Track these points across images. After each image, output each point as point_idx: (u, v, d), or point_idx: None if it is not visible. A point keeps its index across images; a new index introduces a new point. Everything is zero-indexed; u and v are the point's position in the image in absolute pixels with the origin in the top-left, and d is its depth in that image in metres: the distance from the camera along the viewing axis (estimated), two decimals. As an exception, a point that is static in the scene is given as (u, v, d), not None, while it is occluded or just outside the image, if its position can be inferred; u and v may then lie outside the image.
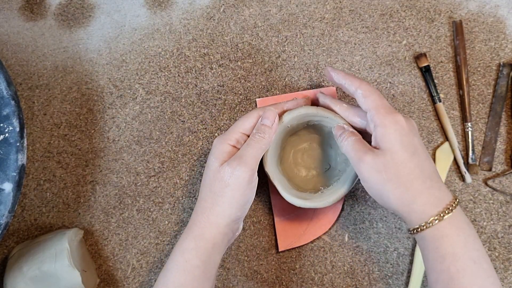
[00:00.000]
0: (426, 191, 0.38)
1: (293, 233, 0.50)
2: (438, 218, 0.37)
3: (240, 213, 0.42)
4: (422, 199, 0.38)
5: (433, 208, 0.38)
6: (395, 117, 0.40)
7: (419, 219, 0.38)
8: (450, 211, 0.37)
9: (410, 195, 0.38)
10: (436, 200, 0.38)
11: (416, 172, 0.38)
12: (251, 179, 0.42)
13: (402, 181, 0.38)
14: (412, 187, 0.38)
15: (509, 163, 0.51)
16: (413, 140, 0.40)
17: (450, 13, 0.56)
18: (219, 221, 0.42)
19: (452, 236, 0.37)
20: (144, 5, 0.58)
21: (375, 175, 0.39)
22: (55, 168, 0.53)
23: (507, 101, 0.53)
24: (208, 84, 0.55)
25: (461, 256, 0.36)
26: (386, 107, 0.41)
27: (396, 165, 0.38)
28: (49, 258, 0.45)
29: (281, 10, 0.57)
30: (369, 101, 0.41)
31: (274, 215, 0.50)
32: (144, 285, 0.50)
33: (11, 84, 0.43)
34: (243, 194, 0.41)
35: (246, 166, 0.41)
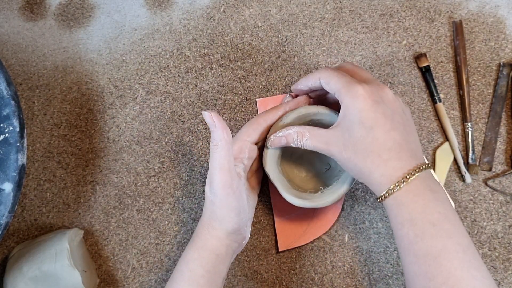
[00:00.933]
0: (383, 163, 0.39)
1: (293, 233, 0.50)
2: (393, 188, 0.38)
3: (236, 224, 0.42)
4: (378, 171, 0.39)
5: (388, 179, 0.38)
6: (354, 92, 0.40)
7: (378, 190, 0.39)
8: (406, 179, 0.38)
9: (367, 169, 0.39)
10: (392, 171, 0.38)
11: (372, 146, 0.39)
12: (226, 187, 0.40)
13: (360, 156, 0.39)
14: (368, 161, 0.39)
15: (509, 163, 0.51)
16: (375, 111, 0.39)
17: (450, 13, 0.56)
18: (218, 234, 0.42)
19: (409, 203, 0.37)
20: (144, 5, 0.58)
21: (339, 154, 0.41)
22: (55, 168, 0.53)
23: (507, 101, 0.53)
24: (208, 84, 0.55)
25: (418, 221, 0.37)
26: (345, 85, 0.41)
27: (354, 142, 0.40)
28: (49, 258, 0.45)
29: (281, 10, 0.57)
30: (331, 86, 0.42)
31: (274, 215, 0.50)
32: (144, 285, 0.50)
33: (11, 84, 0.43)
34: (228, 206, 0.41)
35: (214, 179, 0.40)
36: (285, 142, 0.44)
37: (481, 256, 0.49)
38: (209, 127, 0.40)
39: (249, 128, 0.45)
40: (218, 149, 0.39)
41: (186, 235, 0.51)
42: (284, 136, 0.44)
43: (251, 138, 0.45)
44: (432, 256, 0.36)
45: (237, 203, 0.41)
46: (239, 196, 0.41)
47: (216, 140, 0.39)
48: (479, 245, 0.50)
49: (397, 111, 0.41)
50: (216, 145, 0.39)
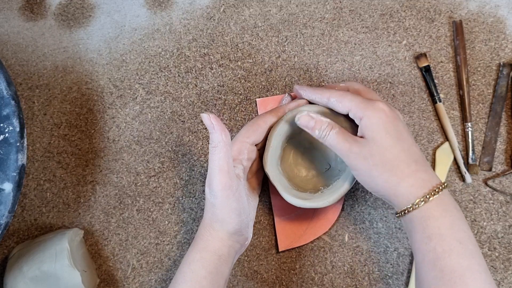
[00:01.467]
0: (412, 174, 0.39)
1: (293, 233, 0.50)
2: (424, 199, 0.38)
3: (237, 225, 0.41)
4: (408, 182, 0.39)
5: (419, 190, 0.38)
6: (376, 106, 0.40)
7: (405, 201, 0.39)
8: (436, 192, 0.38)
9: (396, 178, 0.39)
10: (422, 182, 0.39)
11: (401, 157, 0.39)
12: (226, 188, 0.40)
13: (388, 165, 0.39)
14: (398, 171, 0.39)
15: (509, 163, 0.51)
16: (397, 126, 0.40)
17: (450, 13, 0.56)
18: (220, 235, 0.42)
19: (439, 217, 0.37)
20: (144, 5, 0.58)
21: (362, 162, 0.40)
22: (55, 168, 0.53)
23: (507, 101, 0.53)
24: (208, 84, 0.55)
25: (447, 237, 0.37)
26: (363, 101, 0.41)
27: (381, 151, 0.39)
28: (49, 258, 0.45)
29: (281, 10, 0.57)
30: (345, 103, 0.42)
31: (274, 215, 0.50)
32: (144, 285, 0.50)
33: (11, 84, 0.43)
34: (228, 207, 0.41)
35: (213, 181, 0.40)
36: (312, 126, 0.42)
37: (481, 256, 0.49)
38: (208, 129, 0.40)
39: (249, 130, 0.45)
40: (217, 151, 0.40)
41: (186, 235, 0.51)
42: (314, 119, 0.43)
43: (251, 139, 0.45)
44: (459, 274, 0.36)
45: (237, 204, 0.41)
46: (239, 197, 0.41)
47: (214, 142, 0.40)
48: (479, 245, 0.50)
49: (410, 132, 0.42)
50: (215, 147, 0.40)
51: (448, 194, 0.39)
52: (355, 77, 0.54)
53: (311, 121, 0.43)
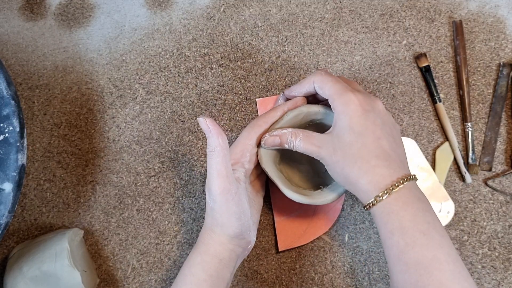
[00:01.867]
0: (371, 170, 0.39)
1: (293, 233, 0.50)
2: (381, 195, 0.38)
3: (238, 229, 0.41)
4: (366, 178, 0.39)
5: (376, 186, 0.38)
6: (347, 97, 0.40)
7: (366, 197, 0.39)
8: (396, 187, 0.38)
9: (355, 175, 0.39)
10: (380, 178, 0.38)
11: (361, 152, 0.39)
12: (225, 193, 0.40)
13: (348, 161, 0.39)
14: (356, 167, 0.39)
15: (509, 163, 0.51)
16: (365, 119, 0.40)
17: (450, 13, 0.56)
18: (220, 239, 0.41)
19: (399, 211, 0.37)
20: (144, 5, 0.58)
21: (329, 158, 0.41)
22: (55, 168, 0.53)
23: (507, 101, 0.53)
24: (208, 84, 0.55)
25: (409, 230, 0.37)
26: (338, 90, 0.41)
27: (343, 146, 0.40)
28: (49, 258, 0.45)
29: (281, 10, 0.57)
30: (325, 91, 0.43)
31: (274, 215, 0.50)
32: (144, 285, 0.50)
33: (11, 84, 0.43)
34: (228, 211, 0.40)
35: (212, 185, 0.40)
36: (278, 142, 0.44)
37: (481, 256, 0.49)
38: (205, 133, 0.40)
39: (250, 131, 0.45)
40: (214, 155, 0.40)
41: (186, 235, 0.51)
42: (278, 136, 0.44)
43: (253, 141, 0.45)
44: (423, 266, 0.35)
45: (237, 208, 0.41)
46: (238, 201, 0.41)
47: (211, 146, 0.39)
48: (479, 245, 0.50)
49: (387, 122, 0.41)
50: (212, 151, 0.40)
51: (412, 187, 0.39)
52: (355, 77, 0.54)
53: (276, 139, 0.44)
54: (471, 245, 0.50)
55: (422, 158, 0.51)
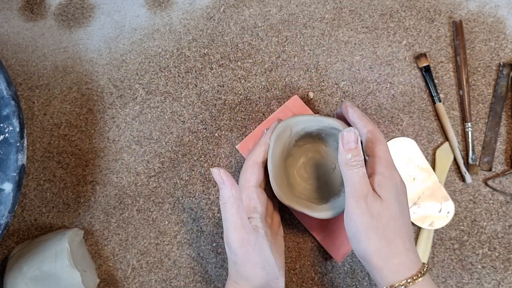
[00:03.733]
0: (405, 252, 0.38)
1: (340, 242, 0.48)
2: (411, 280, 0.37)
3: (263, 279, 0.40)
4: (399, 259, 0.37)
5: (407, 270, 0.37)
6: (394, 173, 0.40)
7: (392, 278, 0.37)
8: (422, 275, 0.37)
9: (389, 251, 0.37)
10: (411, 263, 0.38)
11: (401, 231, 0.38)
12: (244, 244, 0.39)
13: (388, 234, 0.38)
14: (394, 244, 0.38)
15: (509, 163, 0.51)
16: (404, 199, 0.40)
17: (450, 13, 0.56)
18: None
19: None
20: (144, 5, 0.58)
21: (366, 217, 0.38)
22: (55, 168, 0.53)
23: (507, 101, 0.53)
24: (208, 84, 0.55)
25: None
26: (389, 161, 0.40)
27: (388, 216, 0.38)
28: (49, 258, 0.45)
29: (281, 10, 0.57)
30: (375, 149, 0.41)
31: (314, 235, 0.49)
32: (144, 285, 0.50)
33: (11, 84, 0.43)
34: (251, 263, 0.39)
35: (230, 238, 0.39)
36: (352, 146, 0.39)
37: (481, 256, 0.49)
38: (218, 184, 0.39)
39: (246, 174, 0.45)
40: (228, 207, 0.39)
41: (186, 235, 0.51)
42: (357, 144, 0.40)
43: (252, 182, 0.44)
44: None
45: (259, 257, 0.40)
46: (259, 251, 0.40)
47: (224, 198, 0.39)
48: (479, 245, 0.50)
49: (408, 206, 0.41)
50: (225, 203, 0.39)
51: (428, 276, 0.39)
52: (355, 77, 0.54)
53: (353, 142, 0.40)
54: (471, 245, 0.50)
55: (422, 158, 0.51)
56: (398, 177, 0.40)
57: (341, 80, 0.54)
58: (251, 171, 0.45)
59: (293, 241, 0.51)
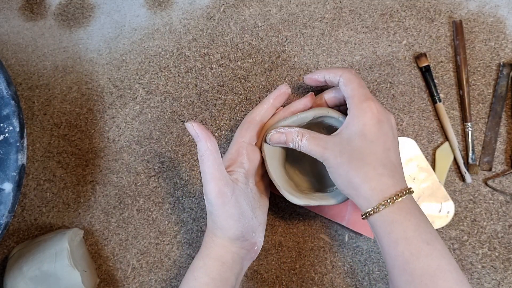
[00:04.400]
0: (376, 177, 0.39)
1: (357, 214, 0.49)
2: (385, 203, 0.38)
3: (238, 231, 0.41)
4: (370, 184, 0.39)
5: (380, 194, 0.38)
6: (366, 105, 0.41)
7: (367, 204, 0.39)
8: (398, 197, 0.38)
9: (359, 179, 0.39)
10: (385, 186, 0.38)
11: (369, 159, 0.39)
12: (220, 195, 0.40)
13: (354, 165, 0.39)
14: (362, 172, 0.39)
15: (509, 163, 0.51)
16: (379, 129, 0.40)
17: (450, 13, 0.56)
18: (222, 241, 0.41)
19: (403, 221, 0.37)
20: (144, 5, 0.58)
21: (333, 159, 0.40)
22: (55, 168, 0.53)
23: (507, 101, 0.53)
24: (208, 84, 0.55)
25: (413, 240, 0.37)
26: (361, 95, 0.42)
27: (351, 149, 0.40)
28: (49, 258, 0.45)
29: (281, 10, 0.57)
30: (348, 90, 0.43)
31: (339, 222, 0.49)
32: (144, 285, 0.50)
33: (11, 84, 0.43)
34: (225, 214, 0.40)
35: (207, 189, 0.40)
36: (284, 139, 0.44)
37: (481, 256, 0.49)
38: (194, 138, 0.40)
39: (241, 129, 0.46)
40: (205, 159, 0.40)
41: (186, 235, 0.51)
42: (284, 134, 0.44)
43: (246, 138, 0.45)
44: (429, 275, 0.36)
45: (235, 209, 0.41)
46: (235, 203, 0.41)
47: (201, 151, 0.40)
48: (479, 245, 0.50)
49: (396, 137, 0.42)
50: (202, 155, 0.40)
51: (412, 200, 0.39)
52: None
53: (281, 136, 0.44)
54: (471, 245, 0.50)
55: (422, 158, 0.51)
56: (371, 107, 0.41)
57: (341, 80, 0.54)
58: (247, 127, 0.45)
59: (293, 241, 0.51)
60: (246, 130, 0.45)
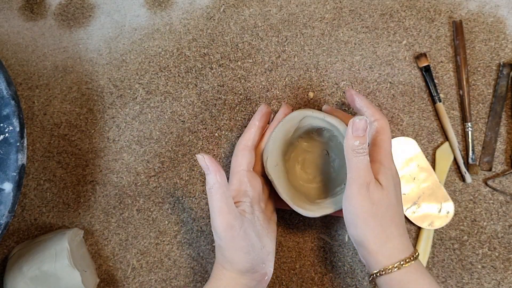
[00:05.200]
0: (399, 237, 0.40)
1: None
2: (404, 262, 0.39)
3: (248, 263, 0.41)
4: (394, 243, 0.39)
5: (401, 253, 0.39)
6: (392, 164, 0.42)
7: (386, 261, 0.39)
8: (415, 258, 0.39)
9: (385, 237, 0.39)
10: (404, 247, 0.40)
11: (397, 218, 0.40)
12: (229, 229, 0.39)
13: (385, 221, 0.39)
14: (389, 230, 0.40)
15: (509, 163, 0.51)
16: (399, 189, 0.42)
17: (450, 13, 0.56)
18: (231, 274, 0.41)
19: (418, 280, 0.39)
20: (144, 5, 0.58)
21: (367, 204, 0.39)
22: (55, 168, 0.53)
23: (507, 101, 0.53)
24: (208, 84, 0.55)
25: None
26: (389, 152, 0.43)
27: (387, 204, 0.40)
28: (49, 258, 0.45)
29: (281, 10, 0.57)
30: (378, 138, 0.43)
31: None
32: (144, 285, 0.50)
33: (11, 84, 0.43)
34: (235, 247, 0.40)
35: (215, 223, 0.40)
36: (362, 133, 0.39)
37: (481, 256, 0.49)
38: (203, 170, 0.39)
39: (237, 158, 0.45)
40: (213, 193, 0.39)
41: (186, 235, 0.51)
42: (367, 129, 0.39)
43: (243, 166, 0.45)
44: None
45: (244, 242, 0.40)
46: (244, 235, 0.40)
47: (210, 184, 0.39)
48: (479, 245, 0.50)
49: None
50: (211, 188, 0.39)
51: (419, 261, 0.41)
52: (355, 77, 0.54)
53: (362, 130, 0.39)
54: (471, 245, 0.50)
55: (423, 157, 0.51)
56: (395, 168, 0.42)
57: (341, 80, 0.54)
58: (242, 154, 0.45)
59: (293, 241, 0.51)
60: (242, 158, 0.45)
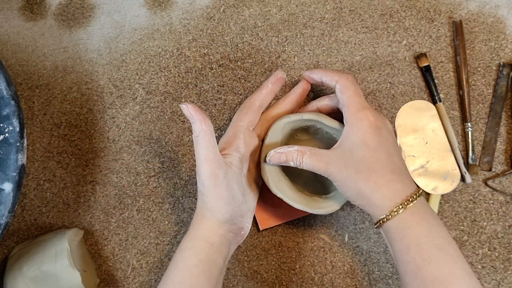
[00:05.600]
0: (386, 184, 0.39)
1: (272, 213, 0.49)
2: (397, 210, 0.38)
3: (227, 214, 0.41)
4: (381, 192, 0.39)
5: (393, 200, 0.38)
6: (362, 114, 0.41)
7: (380, 212, 0.39)
8: (410, 202, 0.38)
9: (369, 189, 0.39)
10: (396, 192, 0.39)
11: (376, 167, 0.39)
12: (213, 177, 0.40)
13: (362, 175, 0.39)
14: (371, 181, 0.39)
15: (509, 163, 0.51)
16: (378, 135, 0.41)
17: (450, 13, 0.56)
18: (210, 223, 0.42)
19: (415, 226, 0.38)
20: (144, 5, 0.58)
21: (339, 173, 0.40)
22: (55, 168, 0.53)
23: (507, 101, 0.53)
24: (208, 84, 0.55)
25: (425, 245, 0.37)
26: (357, 104, 0.42)
27: (356, 161, 0.40)
28: (49, 258, 0.45)
29: (281, 10, 0.57)
30: (344, 98, 0.43)
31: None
32: (144, 285, 0.50)
33: (11, 84, 0.43)
34: (216, 196, 0.41)
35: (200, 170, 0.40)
36: (284, 159, 0.43)
37: (481, 256, 0.49)
38: (189, 119, 0.40)
39: (240, 113, 0.46)
40: (199, 141, 0.40)
41: (186, 235, 0.51)
42: (284, 153, 0.43)
43: (244, 122, 0.45)
44: (440, 281, 0.36)
45: (226, 192, 0.41)
46: (227, 186, 0.41)
47: (196, 132, 0.40)
48: (479, 245, 0.50)
49: (395, 141, 0.43)
50: (197, 136, 0.40)
51: (423, 202, 0.39)
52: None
53: (281, 156, 0.43)
54: (471, 245, 0.50)
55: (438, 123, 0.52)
56: (367, 115, 0.41)
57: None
58: (245, 111, 0.46)
59: (293, 241, 0.51)
60: (244, 115, 0.46)
